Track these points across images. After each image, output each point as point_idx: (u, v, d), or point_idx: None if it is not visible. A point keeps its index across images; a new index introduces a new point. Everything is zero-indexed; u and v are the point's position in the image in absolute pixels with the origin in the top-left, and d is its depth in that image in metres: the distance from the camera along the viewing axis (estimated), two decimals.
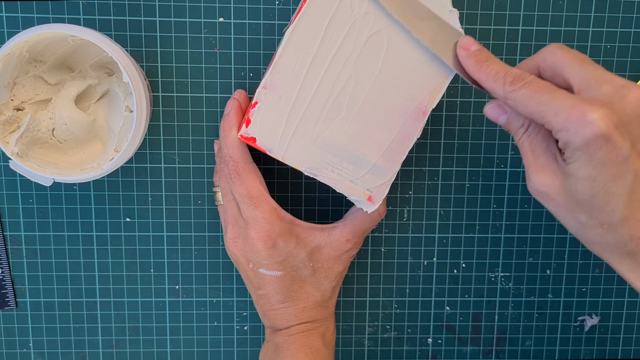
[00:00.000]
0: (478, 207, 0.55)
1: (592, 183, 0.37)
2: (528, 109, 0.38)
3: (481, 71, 0.41)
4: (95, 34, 0.44)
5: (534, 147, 0.40)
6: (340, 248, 0.49)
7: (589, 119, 0.36)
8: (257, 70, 0.51)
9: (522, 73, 0.39)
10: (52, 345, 0.55)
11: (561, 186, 0.39)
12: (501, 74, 0.40)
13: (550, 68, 0.40)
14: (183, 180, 0.53)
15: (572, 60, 0.39)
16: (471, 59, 0.42)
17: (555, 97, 0.37)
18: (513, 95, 0.39)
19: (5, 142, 0.45)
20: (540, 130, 0.40)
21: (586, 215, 0.38)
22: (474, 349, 0.58)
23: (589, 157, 0.36)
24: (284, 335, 0.49)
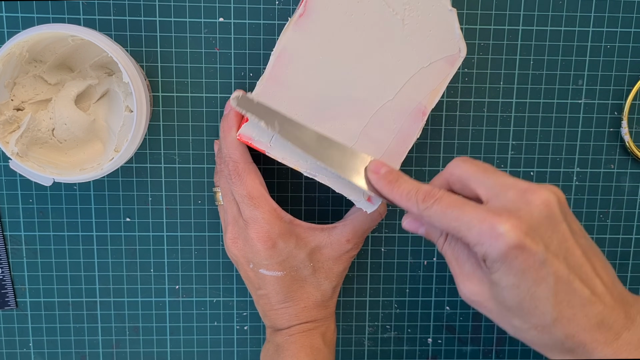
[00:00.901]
0: None
1: (517, 290, 0.38)
2: (443, 224, 0.39)
3: (394, 192, 0.42)
4: (95, 34, 0.44)
5: (456, 255, 0.41)
6: (341, 248, 0.49)
7: (499, 232, 0.36)
8: (257, 70, 0.51)
9: (432, 189, 0.40)
10: (52, 345, 0.55)
11: (490, 293, 0.39)
12: (412, 193, 0.41)
13: (458, 181, 0.41)
14: (183, 180, 0.53)
15: (476, 171, 0.40)
16: (382, 181, 0.43)
17: (465, 211, 0.38)
18: (426, 212, 0.39)
19: (5, 142, 0.45)
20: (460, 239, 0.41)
21: (518, 319, 0.39)
22: (474, 349, 0.58)
23: (508, 267, 0.37)
24: (285, 335, 0.49)
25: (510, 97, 0.53)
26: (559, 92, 0.53)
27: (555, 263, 0.37)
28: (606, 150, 0.54)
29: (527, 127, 0.53)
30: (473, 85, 0.52)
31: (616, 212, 0.55)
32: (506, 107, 0.53)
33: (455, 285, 0.41)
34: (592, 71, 0.52)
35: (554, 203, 0.38)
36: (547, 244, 0.37)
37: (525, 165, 0.54)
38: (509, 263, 0.37)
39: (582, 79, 0.53)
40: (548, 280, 0.37)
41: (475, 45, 0.51)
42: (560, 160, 0.54)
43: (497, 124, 0.53)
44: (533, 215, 0.37)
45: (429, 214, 0.39)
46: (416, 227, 0.43)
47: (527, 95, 0.53)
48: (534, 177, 0.54)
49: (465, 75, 0.52)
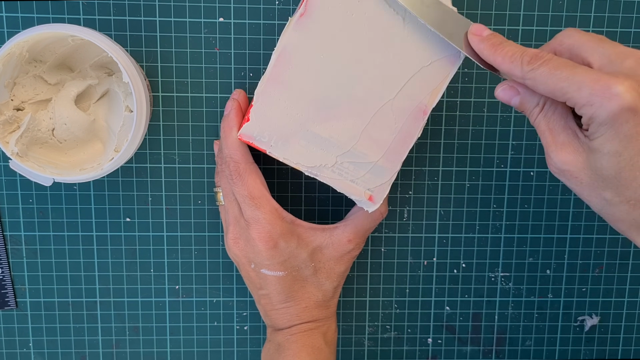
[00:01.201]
0: (478, 207, 0.55)
1: (618, 158, 0.36)
2: (549, 86, 0.37)
3: (497, 54, 0.40)
4: (95, 34, 0.44)
5: (551, 125, 0.39)
6: (342, 248, 0.49)
7: (615, 92, 0.35)
8: (257, 70, 0.51)
9: (540, 52, 0.38)
10: (52, 345, 0.55)
11: (585, 163, 0.38)
12: (518, 55, 0.39)
13: (567, 50, 0.39)
14: (183, 180, 0.53)
15: (590, 39, 0.38)
16: (485, 43, 0.41)
17: (577, 72, 0.36)
18: (532, 74, 0.38)
19: (5, 142, 0.45)
20: (557, 108, 0.39)
21: (612, 191, 0.37)
22: (474, 349, 0.58)
23: (615, 132, 0.36)
24: (286, 334, 0.49)
25: None
26: None
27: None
28: None
29: (527, 127, 0.53)
30: (473, 85, 0.52)
31: None
32: (506, 107, 0.53)
33: (545, 156, 0.40)
34: None
35: None
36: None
37: (525, 165, 0.54)
38: (617, 127, 0.35)
39: None
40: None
41: None
42: None
43: (497, 124, 0.53)
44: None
45: (533, 76, 0.38)
46: (511, 96, 0.41)
47: None
48: (534, 177, 0.54)
49: (465, 75, 0.52)
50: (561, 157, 0.39)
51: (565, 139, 0.39)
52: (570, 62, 0.37)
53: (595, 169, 0.37)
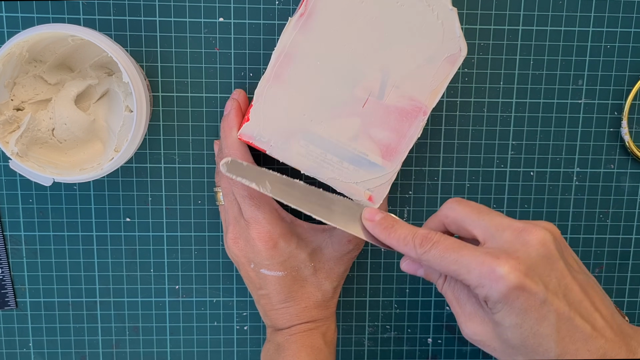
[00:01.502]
0: None
1: (520, 329, 0.38)
2: (442, 268, 0.39)
3: (391, 238, 0.42)
4: (95, 34, 0.44)
5: (457, 295, 0.42)
6: (342, 249, 0.49)
7: (499, 274, 0.37)
8: (257, 70, 0.51)
9: (428, 233, 0.40)
10: (52, 345, 0.55)
11: (493, 333, 0.40)
12: (409, 238, 0.41)
13: (453, 223, 0.42)
14: (183, 180, 0.53)
15: (470, 212, 0.41)
16: (378, 228, 0.43)
17: (464, 254, 0.39)
18: (425, 256, 0.40)
19: (5, 142, 0.45)
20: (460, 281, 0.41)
21: (523, 357, 0.39)
22: (474, 349, 0.58)
23: (510, 307, 0.38)
24: (285, 334, 0.49)
25: (510, 97, 0.53)
26: (559, 92, 0.53)
27: (556, 301, 0.38)
28: (606, 150, 0.54)
29: (527, 127, 0.53)
30: (473, 85, 0.52)
31: (616, 212, 0.55)
32: (506, 107, 0.53)
33: (459, 326, 0.42)
34: (592, 71, 0.52)
35: (550, 241, 0.39)
36: (546, 282, 0.38)
37: (525, 165, 0.54)
38: (510, 304, 0.38)
39: (582, 79, 0.53)
40: (550, 318, 0.38)
41: (475, 45, 0.51)
42: (560, 160, 0.54)
43: (497, 124, 0.53)
44: (530, 255, 0.38)
45: (427, 258, 0.40)
46: (415, 269, 0.44)
47: (527, 95, 0.53)
48: (534, 177, 0.54)
49: (465, 75, 0.52)
50: (471, 328, 0.41)
51: (472, 309, 0.41)
52: (456, 243, 0.39)
53: (503, 340, 0.39)
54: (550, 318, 0.38)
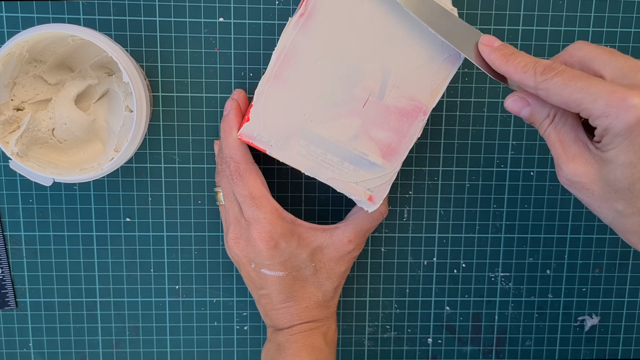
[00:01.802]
0: (478, 207, 0.55)
1: (632, 169, 0.36)
2: (563, 97, 0.37)
3: (509, 64, 0.40)
4: (95, 34, 0.44)
5: (562, 137, 0.39)
6: (343, 249, 0.49)
7: (631, 103, 0.35)
8: (257, 70, 0.51)
9: (553, 63, 0.38)
10: (52, 345, 0.55)
11: (596, 174, 0.38)
12: (530, 65, 0.39)
13: (578, 63, 0.39)
14: (183, 180, 0.53)
15: (602, 52, 0.38)
16: (497, 54, 0.41)
17: (592, 83, 0.36)
18: (545, 84, 0.38)
19: (5, 142, 0.45)
20: (568, 120, 0.39)
21: (624, 203, 0.38)
22: (474, 349, 0.58)
23: (630, 143, 0.36)
24: (286, 334, 0.49)
25: None
26: None
27: None
28: None
29: (527, 127, 0.53)
30: (473, 85, 0.52)
31: None
32: None
33: (556, 168, 0.40)
34: None
35: None
36: None
37: (525, 165, 0.54)
38: (632, 138, 0.36)
39: None
40: None
41: None
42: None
43: (497, 124, 0.53)
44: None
45: (547, 86, 0.38)
46: (520, 108, 0.41)
47: None
48: (534, 177, 0.54)
49: (465, 75, 0.52)
50: (572, 169, 0.39)
51: (577, 151, 0.39)
52: (584, 74, 0.37)
53: (608, 181, 0.37)
54: None
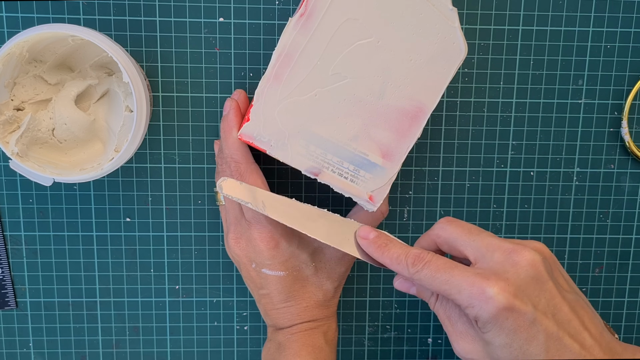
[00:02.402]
0: (478, 207, 0.55)
1: (509, 348, 0.39)
2: (433, 287, 0.40)
3: (384, 256, 0.43)
4: (95, 34, 0.44)
5: (448, 314, 0.42)
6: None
7: (489, 295, 0.38)
8: (257, 70, 0.51)
9: (421, 253, 0.41)
10: (52, 345, 0.55)
11: (484, 351, 0.41)
12: (402, 257, 0.42)
13: (445, 243, 0.43)
14: (183, 180, 0.53)
15: (461, 233, 0.42)
16: (373, 246, 0.44)
17: (455, 274, 0.39)
18: (417, 276, 0.41)
19: (5, 142, 0.45)
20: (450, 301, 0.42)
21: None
22: None
23: (499, 328, 0.39)
24: (287, 333, 0.49)
25: (510, 97, 0.53)
26: (559, 92, 0.53)
27: (545, 321, 0.39)
28: (606, 150, 0.54)
29: (527, 127, 0.53)
30: (473, 85, 0.52)
31: (616, 212, 0.55)
32: (506, 107, 0.53)
33: (451, 344, 0.42)
34: (592, 71, 0.52)
35: (539, 263, 0.39)
36: (535, 303, 0.39)
37: (525, 165, 0.54)
38: (500, 324, 0.38)
39: (582, 79, 0.53)
40: (539, 337, 0.39)
41: (475, 45, 0.52)
42: (560, 160, 0.54)
43: (497, 124, 0.53)
44: (520, 276, 0.39)
45: (419, 277, 0.41)
46: (407, 287, 0.45)
47: (527, 95, 0.53)
48: (534, 177, 0.54)
49: (465, 75, 0.52)
50: (463, 347, 0.42)
51: (463, 328, 0.42)
52: (448, 264, 0.40)
53: (494, 358, 0.40)
54: (539, 338, 0.39)
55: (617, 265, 0.56)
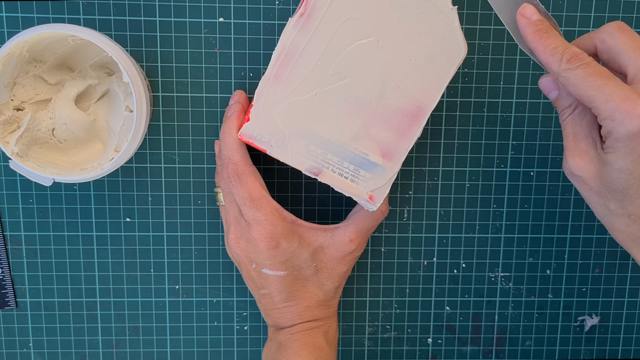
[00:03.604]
0: (478, 207, 0.55)
1: (627, 175, 0.37)
2: (579, 90, 0.38)
3: (540, 42, 0.40)
4: (95, 34, 0.44)
5: (576, 130, 0.40)
6: (344, 249, 0.49)
7: (637, 113, 0.36)
8: (257, 70, 0.51)
9: (581, 53, 0.39)
10: (52, 345, 0.55)
11: (596, 172, 0.39)
12: (559, 49, 0.39)
13: (607, 51, 0.40)
14: (183, 180, 0.53)
15: (630, 48, 0.39)
16: (531, 28, 0.41)
17: (609, 84, 0.37)
18: (567, 73, 0.38)
19: (5, 142, 0.45)
20: (586, 116, 0.40)
21: (616, 203, 0.39)
22: (474, 349, 0.58)
23: (629, 150, 0.37)
24: (287, 333, 0.49)
25: (510, 97, 0.53)
26: None
27: None
28: None
29: (527, 127, 0.53)
30: (473, 85, 0.52)
31: None
32: (506, 107, 0.53)
33: (563, 157, 0.41)
34: None
35: None
36: None
37: (525, 165, 0.54)
38: (632, 147, 0.36)
39: None
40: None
41: (475, 45, 0.52)
42: (560, 160, 0.54)
43: (497, 124, 0.53)
44: None
45: (568, 75, 0.38)
46: (550, 89, 0.42)
47: (527, 95, 0.53)
48: (534, 177, 0.54)
49: (465, 75, 0.52)
50: (576, 163, 0.40)
51: (585, 147, 0.40)
52: (606, 72, 0.38)
53: (605, 181, 0.39)
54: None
55: (617, 265, 0.56)
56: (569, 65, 0.38)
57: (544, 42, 0.40)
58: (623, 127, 0.36)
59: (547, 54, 0.39)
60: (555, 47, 0.39)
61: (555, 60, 0.39)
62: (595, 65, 0.38)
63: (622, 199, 0.38)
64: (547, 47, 0.40)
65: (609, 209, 0.40)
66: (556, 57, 0.39)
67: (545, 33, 0.40)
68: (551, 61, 0.39)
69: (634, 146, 0.37)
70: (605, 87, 0.37)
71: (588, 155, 0.40)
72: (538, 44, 0.40)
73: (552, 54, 0.39)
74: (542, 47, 0.40)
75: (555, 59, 0.39)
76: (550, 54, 0.39)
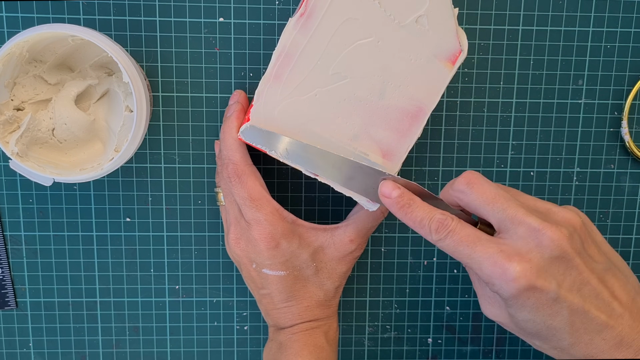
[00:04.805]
0: None
1: (532, 322, 0.39)
2: (456, 257, 0.39)
3: (406, 218, 0.41)
4: (95, 34, 0.44)
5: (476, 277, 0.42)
6: (344, 249, 0.49)
7: (510, 277, 0.37)
8: (257, 70, 0.51)
9: (445, 219, 0.40)
10: (52, 345, 0.55)
11: (509, 318, 0.40)
12: (426, 222, 0.40)
13: (466, 206, 0.41)
14: (183, 180, 0.53)
15: (483, 203, 0.40)
16: (395, 206, 0.42)
17: (477, 250, 0.38)
18: (440, 244, 0.40)
19: (5, 142, 0.45)
20: None
21: (539, 341, 0.40)
22: (474, 349, 0.58)
23: (521, 305, 0.38)
24: (288, 333, 0.49)
25: (510, 97, 0.53)
26: (559, 92, 0.53)
27: (569, 297, 0.38)
28: (606, 150, 0.54)
29: (527, 127, 0.53)
30: (473, 85, 0.52)
31: (616, 212, 0.55)
32: (506, 107, 0.53)
33: (479, 303, 0.42)
34: (592, 71, 0.52)
35: (565, 241, 0.38)
36: (559, 281, 0.38)
37: (525, 165, 0.54)
38: (521, 302, 0.38)
39: (582, 79, 0.53)
40: (562, 313, 0.38)
41: (475, 45, 0.52)
42: (560, 160, 0.54)
43: (497, 124, 0.53)
44: (544, 257, 0.38)
45: (442, 246, 0.40)
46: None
47: (527, 95, 0.53)
48: (534, 177, 0.54)
49: (465, 75, 0.52)
50: (490, 310, 0.42)
51: (491, 294, 0.41)
52: (472, 236, 0.39)
53: (519, 326, 0.40)
54: (563, 313, 0.38)
55: None
56: (438, 236, 0.40)
57: (410, 217, 0.41)
58: (503, 290, 0.38)
59: (417, 228, 0.41)
60: (422, 220, 0.40)
61: (426, 233, 0.40)
62: (461, 229, 0.39)
63: (540, 339, 0.40)
64: (415, 222, 0.41)
65: (537, 345, 0.41)
66: (425, 229, 0.40)
67: (409, 207, 0.41)
68: (423, 234, 0.41)
69: (522, 302, 0.38)
70: (474, 255, 0.38)
71: (497, 302, 0.41)
72: (407, 220, 0.41)
73: (421, 227, 0.40)
74: (410, 222, 0.41)
75: (425, 232, 0.40)
76: (420, 227, 0.41)
